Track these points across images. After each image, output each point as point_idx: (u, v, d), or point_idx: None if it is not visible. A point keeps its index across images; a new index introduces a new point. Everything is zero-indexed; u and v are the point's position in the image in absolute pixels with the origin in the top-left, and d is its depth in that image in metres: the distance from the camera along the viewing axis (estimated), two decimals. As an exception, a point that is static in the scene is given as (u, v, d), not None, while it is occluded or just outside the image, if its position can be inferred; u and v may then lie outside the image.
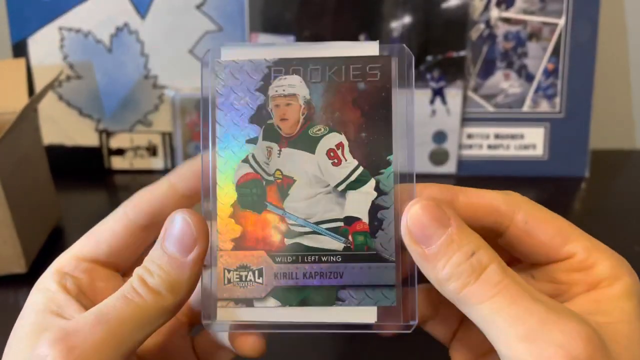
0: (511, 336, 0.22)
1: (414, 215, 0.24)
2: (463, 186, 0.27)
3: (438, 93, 0.69)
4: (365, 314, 0.26)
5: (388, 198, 0.26)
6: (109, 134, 0.72)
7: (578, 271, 0.26)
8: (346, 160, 0.26)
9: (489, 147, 0.72)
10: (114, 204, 0.75)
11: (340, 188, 0.26)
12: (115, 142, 0.73)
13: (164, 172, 0.73)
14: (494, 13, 0.69)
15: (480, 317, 0.23)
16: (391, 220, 0.26)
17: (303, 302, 0.26)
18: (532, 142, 0.72)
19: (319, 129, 0.26)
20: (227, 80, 0.26)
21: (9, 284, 0.51)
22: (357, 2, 0.68)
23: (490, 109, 0.71)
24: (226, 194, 0.26)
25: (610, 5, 0.73)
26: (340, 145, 0.26)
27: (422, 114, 0.70)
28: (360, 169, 0.26)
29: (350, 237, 0.26)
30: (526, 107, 0.71)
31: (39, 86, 0.70)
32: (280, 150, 0.26)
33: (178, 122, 0.70)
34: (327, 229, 0.26)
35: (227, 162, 0.26)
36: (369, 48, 0.27)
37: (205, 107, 0.26)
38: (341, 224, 0.26)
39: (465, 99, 0.70)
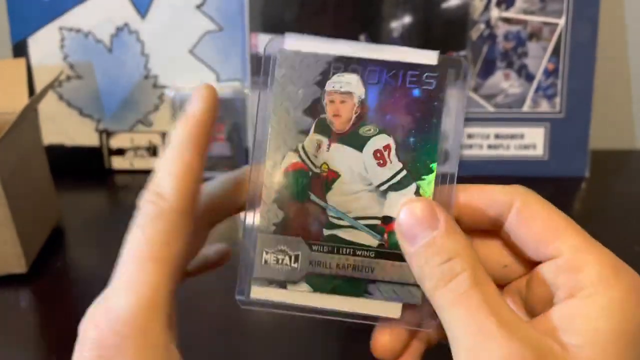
0: (460, 347, 0.23)
1: (406, 213, 0.25)
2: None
3: (438, 93, 0.69)
4: (390, 309, 0.27)
5: None
6: (109, 134, 0.72)
7: (564, 273, 0.24)
8: (391, 162, 0.27)
9: (489, 147, 0.72)
10: (114, 204, 0.76)
11: (382, 188, 0.27)
12: (115, 142, 0.73)
13: (164, 172, 0.73)
14: (494, 13, 0.69)
15: (444, 321, 0.24)
16: None
17: (333, 290, 0.27)
18: (532, 142, 0.72)
19: (369, 129, 0.27)
20: (287, 69, 0.27)
21: (9, 284, 0.51)
22: (357, 2, 0.68)
23: (490, 109, 0.71)
24: (273, 180, 0.27)
25: (610, 5, 0.73)
26: (387, 147, 0.27)
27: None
28: (404, 172, 0.27)
29: (386, 235, 0.27)
30: (526, 107, 0.71)
31: (39, 86, 0.70)
32: (329, 145, 0.27)
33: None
34: (365, 225, 0.27)
35: (278, 149, 0.27)
36: (428, 56, 0.27)
37: (264, 92, 0.27)
38: (379, 222, 0.27)
39: (465, 99, 0.70)
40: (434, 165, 0.27)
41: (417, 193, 0.27)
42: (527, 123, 0.71)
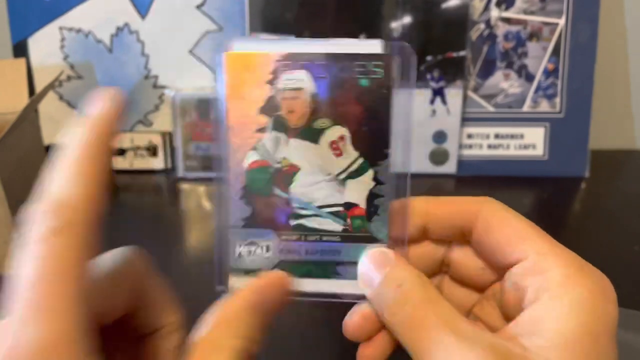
0: None
1: (362, 264, 0.27)
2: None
3: (438, 93, 0.70)
4: (358, 286, 0.28)
5: (384, 187, 0.28)
6: (109, 134, 0.72)
7: (529, 276, 0.25)
8: (347, 151, 0.28)
9: (489, 147, 0.72)
10: (114, 204, 0.76)
11: (341, 177, 0.28)
12: (115, 142, 0.73)
13: (164, 172, 0.73)
14: (494, 13, 0.69)
15: (406, 346, 0.24)
16: (386, 207, 0.28)
17: (305, 274, 0.29)
18: (532, 142, 0.72)
19: (323, 122, 0.28)
20: (238, 73, 0.28)
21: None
22: (357, 2, 0.68)
23: (490, 109, 0.71)
24: (237, 178, 0.28)
25: (610, 5, 0.73)
26: (342, 138, 0.28)
27: (422, 114, 0.70)
28: (360, 160, 0.28)
29: (348, 220, 0.28)
30: (526, 107, 0.71)
31: (39, 86, 0.70)
32: (287, 140, 0.28)
33: (178, 122, 0.70)
34: (328, 212, 0.28)
35: (239, 149, 0.28)
36: (372, 46, 0.28)
37: (219, 98, 0.28)
38: (341, 208, 0.28)
39: (465, 99, 0.70)
40: (389, 150, 0.28)
41: (374, 178, 0.28)
42: (527, 123, 0.71)
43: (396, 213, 0.28)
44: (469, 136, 0.72)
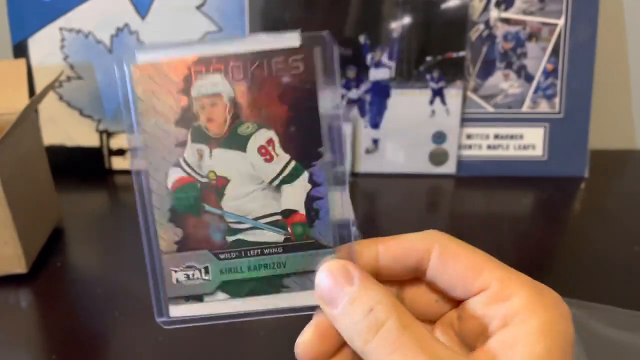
0: None
1: (320, 279, 0.25)
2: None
3: (438, 93, 0.70)
4: (309, 297, 0.27)
5: (322, 189, 0.26)
6: (109, 134, 0.72)
7: (494, 304, 0.25)
8: (278, 155, 0.26)
9: (489, 147, 0.72)
10: (114, 204, 0.76)
11: (275, 183, 0.26)
12: (115, 143, 0.73)
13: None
14: (494, 13, 0.69)
15: None
16: (327, 209, 0.26)
17: (250, 293, 0.27)
18: (532, 142, 0.72)
19: (248, 127, 0.26)
20: (146, 84, 0.25)
21: (10, 284, 0.51)
22: (357, 3, 0.68)
23: (490, 109, 0.71)
24: (162, 200, 0.26)
25: (609, 6, 0.73)
26: (270, 142, 0.26)
27: (422, 114, 0.70)
28: (293, 163, 0.26)
29: (289, 229, 0.26)
30: (525, 108, 0.71)
31: (39, 87, 0.70)
32: (211, 151, 0.26)
33: (178, 122, 0.70)
34: (266, 223, 0.26)
35: (159, 168, 0.26)
36: (290, 39, 0.25)
37: (128, 114, 0.25)
38: (279, 217, 0.26)
39: (464, 99, 0.70)
40: (322, 149, 0.26)
41: (310, 180, 0.26)
42: (527, 123, 0.71)
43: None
44: (469, 136, 0.72)
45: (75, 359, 0.44)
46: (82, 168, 0.73)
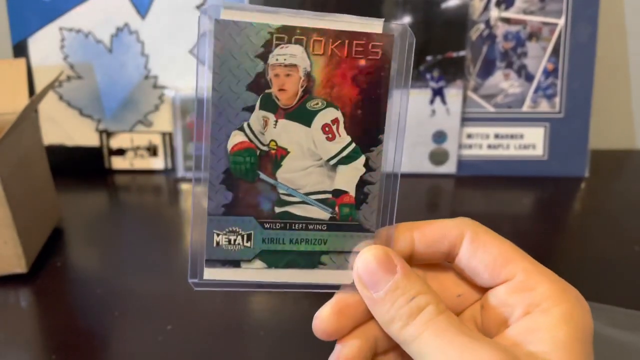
0: None
1: (364, 263, 0.26)
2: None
3: (438, 93, 0.70)
4: (343, 276, 0.27)
5: (375, 174, 0.27)
6: (109, 134, 0.72)
7: (518, 293, 0.26)
8: (340, 136, 0.26)
9: (489, 147, 0.72)
10: (114, 204, 0.76)
11: (332, 162, 0.27)
12: (115, 142, 0.73)
13: (164, 172, 0.73)
14: (494, 13, 0.69)
15: (415, 352, 0.25)
16: (375, 194, 0.27)
17: (288, 265, 0.27)
18: (532, 142, 0.72)
19: (317, 103, 0.26)
20: (226, 42, 0.25)
21: (10, 284, 0.51)
22: (357, 2, 0.68)
23: (490, 109, 0.71)
24: (219, 161, 0.26)
25: (609, 6, 0.73)
26: (335, 121, 0.26)
27: (422, 114, 0.70)
28: (353, 145, 0.26)
29: (337, 209, 0.27)
30: (526, 107, 0.71)
31: (39, 86, 0.70)
32: (276, 121, 0.26)
33: (178, 122, 0.70)
34: (316, 199, 0.27)
35: (222, 128, 0.26)
36: (373, 25, 0.26)
37: (202, 69, 0.25)
38: (330, 195, 0.27)
39: (465, 99, 0.70)
40: (382, 136, 0.27)
41: (365, 165, 0.27)
42: (527, 123, 0.71)
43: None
44: (469, 136, 0.72)
45: (75, 359, 0.44)
46: (82, 168, 0.73)
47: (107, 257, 0.58)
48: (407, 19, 0.68)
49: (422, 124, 0.70)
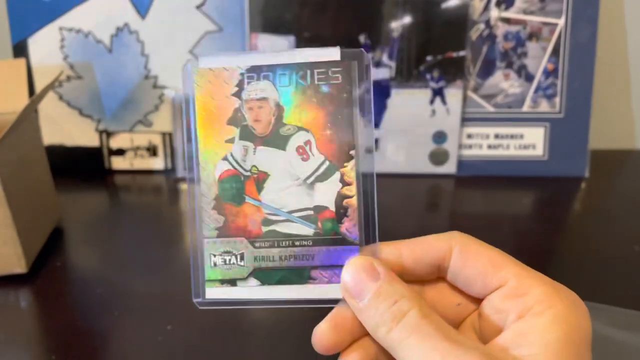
0: None
1: (349, 273, 0.27)
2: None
3: (438, 93, 0.70)
4: (333, 291, 0.29)
5: (352, 188, 0.29)
6: (109, 134, 0.72)
7: (511, 298, 0.27)
8: (314, 155, 0.29)
9: (489, 147, 0.72)
10: (114, 204, 0.76)
11: (310, 180, 0.29)
12: (115, 142, 0.73)
13: (164, 172, 0.73)
14: (494, 13, 0.69)
15: (401, 357, 0.25)
16: (355, 207, 0.29)
17: (280, 281, 0.29)
18: (532, 142, 0.72)
19: (289, 129, 0.29)
20: (205, 86, 0.29)
21: (10, 284, 0.51)
22: (357, 3, 0.68)
23: (490, 109, 0.71)
24: (209, 189, 0.29)
25: (610, 6, 0.73)
26: (308, 143, 0.29)
27: (422, 114, 0.70)
28: (327, 163, 0.29)
29: (319, 224, 0.29)
30: (526, 107, 0.71)
31: (39, 86, 0.70)
32: (255, 149, 0.29)
33: (178, 122, 0.70)
34: (299, 217, 0.29)
35: (209, 160, 0.29)
36: (331, 53, 0.29)
37: (187, 112, 0.29)
38: (311, 212, 0.29)
39: (465, 99, 0.70)
40: (353, 152, 0.29)
41: (341, 180, 0.29)
42: (527, 123, 0.71)
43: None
44: (469, 136, 0.72)
45: (75, 359, 0.44)
46: (82, 168, 0.73)
47: (107, 257, 0.58)
48: (407, 19, 0.68)
49: (422, 124, 0.70)
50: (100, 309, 0.49)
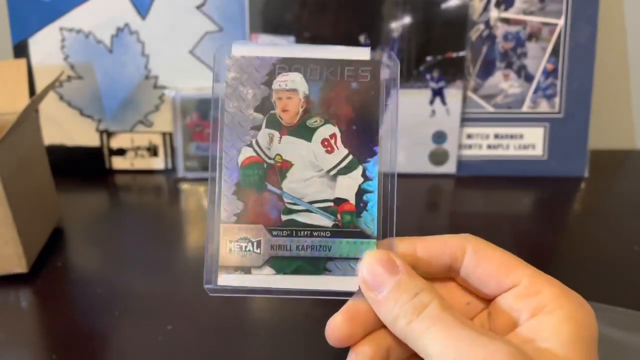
0: (445, 359, 0.25)
1: (368, 266, 0.28)
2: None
3: (438, 93, 0.70)
4: (348, 283, 0.29)
5: (373, 183, 0.29)
6: (109, 134, 0.73)
7: (525, 298, 0.28)
8: (338, 149, 0.29)
9: (489, 147, 0.72)
10: (114, 204, 0.76)
11: (332, 173, 0.29)
12: (115, 142, 0.73)
13: (165, 172, 0.73)
14: (494, 13, 0.69)
15: (422, 347, 0.26)
16: (374, 203, 0.29)
17: (295, 271, 0.29)
18: (532, 142, 0.72)
19: (316, 121, 0.29)
20: (236, 73, 0.30)
21: (10, 284, 0.52)
22: (357, 3, 0.68)
23: (490, 109, 0.71)
24: (231, 174, 0.29)
25: (609, 6, 0.73)
26: (333, 136, 0.29)
27: (422, 114, 0.70)
28: (350, 157, 0.29)
29: (338, 216, 0.29)
30: (525, 107, 0.71)
31: (39, 87, 0.70)
32: (280, 138, 0.29)
33: (178, 122, 0.70)
34: (319, 207, 0.29)
35: (233, 145, 0.29)
36: (362, 53, 0.30)
37: (217, 96, 0.30)
38: (331, 204, 0.29)
39: (464, 99, 0.70)
40: (377, 148, 0.30)
41: (363, 175, 0.29)
42: (527, 123, 0.71)
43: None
44: (469, 136, 0.72)
45: (75, 359, 0.44)
46: (82, 168, 0.73)
47: (107, 257, 0.58)
48: (407, 19, 0.68)
49: (422, 124, 0.70)
50: (101, 309, 0.49)
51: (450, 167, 0.72)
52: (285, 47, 0.30)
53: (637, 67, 0.78)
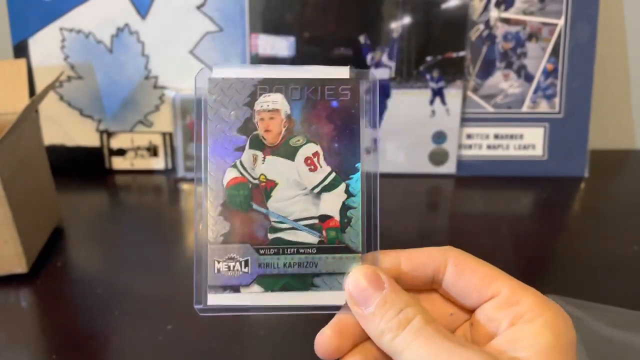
0: None
1: (354, 282, 0.28)
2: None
3: (438, 93, 0.70)
4: (336, 298, 0.29)
5: (356, 199, 0.30)
6: (109, 134, 0.73)
7: (504, 308, 0.28)
8: (321, 167, 0.30)
9: (489, 147, 0.72)
10: (114, 204, 0.76)
11: (316, 190, 0.30)
12: (115, 143, 0.73)
13: (165, 172, 0.73)
14: (494, 13, 0.69)
15: None
16: (358, 218, 0.30)
17: (283, 288, 0.30)
18: (532, 142, 0.72)
19: (298, 140, 0.30)
20: (217, 95, 0.30)
21: (10, 284, 0.52)
22: (357, 3, 0.68)
23: (490, 109, 0.71)
24: (216, 195, 0.30)
25: (609, 6, 0.73)
26: (316, 154, 0.30)
27: (422, 114, 0.70)
28: (333, 174, 0.30)
29: (324, 232, 0.30)
30: (525, 108, 0.71)
31: (39, 87, 0.70)
32: (264, 158, 0.30)
33: (178, 122, 0.70)
34: (304, 225, 0.30)
35: (218, 167, 0.30)
36: (341, 72, 0.30)
37: (199, 118, 0.30)
38: (316, 221, 0.30)
39: (464, 99, 0.70)
40: (359, 165, 0.30)
41: (346, 191, 0.30)
42: (527, 123, 0.71)
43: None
44: (469, 136, 0.72)
45: (75, 359, 0.44)
46: (82, 168, 0.73)
47: (107, 257, 0.58)
48: (407, 19, 0.68)
49: (421, 124, 0.70)
50: (101, 309, 0.49)
51: (450, 167, 0.72)
52: (265, 68, 0.30)
53: (637, 67, 0.78)
